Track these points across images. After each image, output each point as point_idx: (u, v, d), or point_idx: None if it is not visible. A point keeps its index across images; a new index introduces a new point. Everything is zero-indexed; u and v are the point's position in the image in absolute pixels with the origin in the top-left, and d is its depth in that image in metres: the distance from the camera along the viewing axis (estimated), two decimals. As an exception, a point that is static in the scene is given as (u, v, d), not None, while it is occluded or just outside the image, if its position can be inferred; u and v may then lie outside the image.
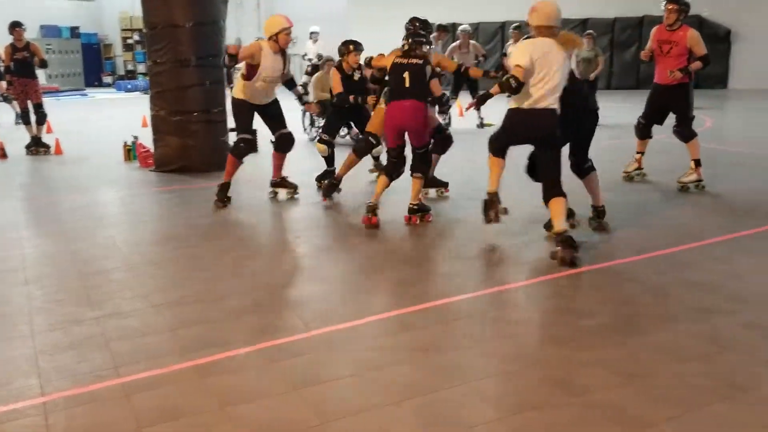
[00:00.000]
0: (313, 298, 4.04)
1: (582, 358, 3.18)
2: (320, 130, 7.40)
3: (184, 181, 7.64)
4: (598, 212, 5.32)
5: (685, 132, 6.73)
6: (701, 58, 6.53)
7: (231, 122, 8.87)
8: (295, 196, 6.70)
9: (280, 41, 6.15)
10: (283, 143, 6.56)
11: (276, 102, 6.56)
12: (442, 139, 6.24)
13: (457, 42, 11.67)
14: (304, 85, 13.95)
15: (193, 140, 8.06)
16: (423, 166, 5.64)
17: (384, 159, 6.30)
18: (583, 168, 5.16)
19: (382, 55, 6.12)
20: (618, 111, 14.32)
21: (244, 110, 6.36)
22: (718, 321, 3.58)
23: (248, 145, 6.40)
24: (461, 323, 3.63)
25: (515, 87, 4.44)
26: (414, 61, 5.44)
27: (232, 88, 15.98)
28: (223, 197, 6.39)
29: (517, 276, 4.38)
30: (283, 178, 6.75)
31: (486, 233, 5.34)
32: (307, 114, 10.96)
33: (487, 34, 20.55)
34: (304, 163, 8.83)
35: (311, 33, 15.39)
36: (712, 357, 3.16)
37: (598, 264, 4.53)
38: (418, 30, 5.74)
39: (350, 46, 6.89)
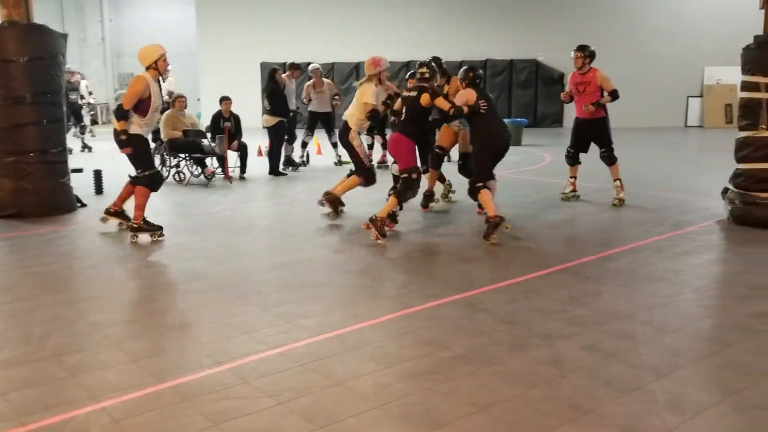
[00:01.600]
0: (164, 349, 3.83)
1: (441, 389, 3.25)
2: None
3: (18, 227, 7.05)
4: (488, 222, 6.21)
5: (609, 157, 8.02)
6: (611, 93, 7.78)
7: (74, 163, 8.39)
8: (123, 228, 6.83)
9: (160, 68, 6.35)
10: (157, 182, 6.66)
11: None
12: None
13: (311, 81, 11.79)
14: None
15: (30, 183, 7.49)
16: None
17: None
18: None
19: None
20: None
21: (145, 145, 6.51)
22: (560, 345, 3.80)
23: (161, 177, 6.76)
24: (319, 365, 3.58)
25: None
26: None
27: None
28: (155, 227, 6.45)
29: (377, 312, 4.42)
30: (122, 210, 6.91)
31: (338, 271, 5.38)
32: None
33: (341, 75, 20.95)
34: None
35: (161, 70, 14.92)
36: (556, 381, 3.34)
37: (455, 295, 4.69)
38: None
39: None
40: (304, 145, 11.99)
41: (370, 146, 11.76)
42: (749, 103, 6.89)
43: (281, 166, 11.16)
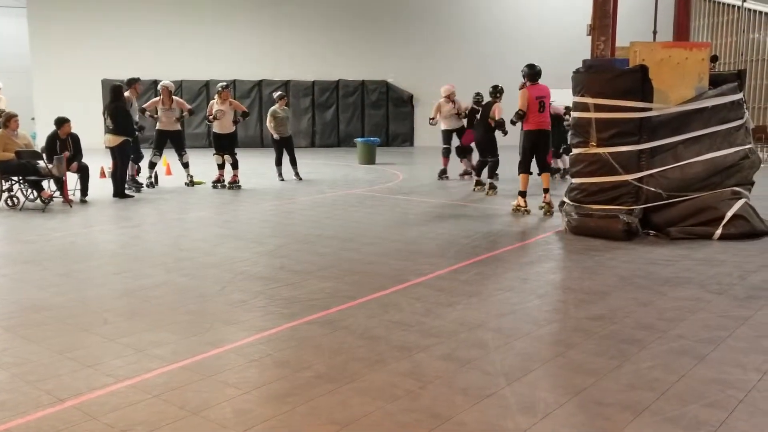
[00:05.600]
0: (-4, 389, 3.47)
1: (302, 410, 3.19)
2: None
3: None
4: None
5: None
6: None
7: None
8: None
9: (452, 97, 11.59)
10: None
11: None
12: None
13: (159, 97, 11.37)
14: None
15: None
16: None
17: None
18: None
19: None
20: (318, 167, 15.11)
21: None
22: (418, 357, 3.88)
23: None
24: (173, 395, 3.40)
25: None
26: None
27: None
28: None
29: (233, 336, 4.28)
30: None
31: (191, 296, 5.18)
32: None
33: (191, 92, 20.33)
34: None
35: (-9, 88, 13.72)
36: (416, 392, 3.40)
37: (315, 314, 4.65)
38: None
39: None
40: (152, 165, 11.48)
41: (221, 165, 11.48)
42: (580, 122, 7.49)
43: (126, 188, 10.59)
